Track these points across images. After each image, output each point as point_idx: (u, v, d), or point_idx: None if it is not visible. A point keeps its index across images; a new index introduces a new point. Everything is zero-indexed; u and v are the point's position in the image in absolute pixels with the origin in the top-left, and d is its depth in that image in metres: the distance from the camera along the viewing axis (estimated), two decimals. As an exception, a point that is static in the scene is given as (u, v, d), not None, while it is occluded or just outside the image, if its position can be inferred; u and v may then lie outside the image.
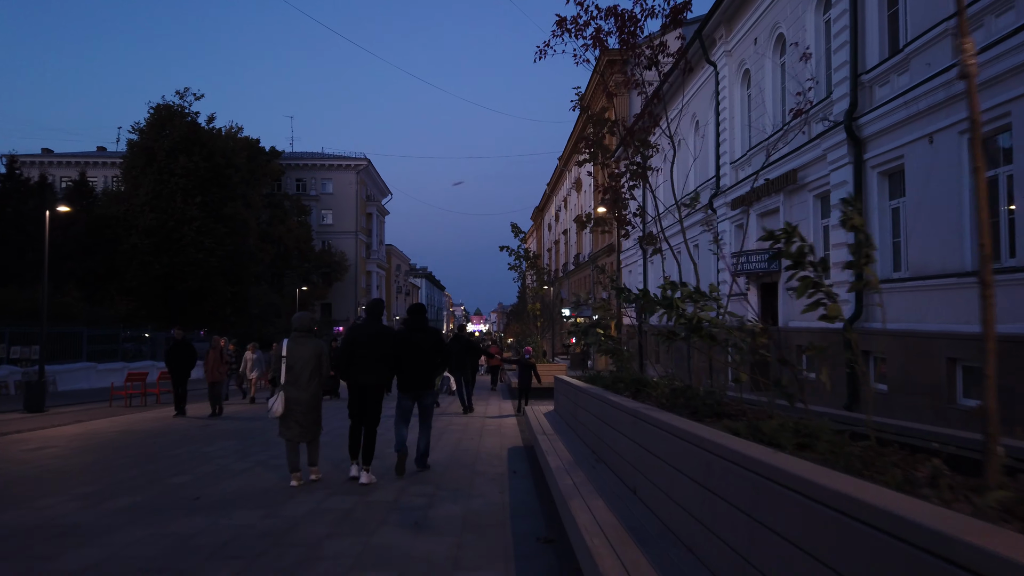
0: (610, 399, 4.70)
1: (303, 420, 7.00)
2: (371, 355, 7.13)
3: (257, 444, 10.21)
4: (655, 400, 4.93)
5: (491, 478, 7.12)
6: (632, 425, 4.04)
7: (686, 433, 3.23)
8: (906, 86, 11.44)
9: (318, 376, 7.14)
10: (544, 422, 8.04)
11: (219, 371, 15.05)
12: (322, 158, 68.51)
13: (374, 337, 7.21)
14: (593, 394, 5.40)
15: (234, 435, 11.16)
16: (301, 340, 7.16)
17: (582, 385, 6.45)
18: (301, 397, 7.01)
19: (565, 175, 61.66)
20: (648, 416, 3.74)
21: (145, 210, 34.35)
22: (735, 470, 2.64)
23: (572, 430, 6.75)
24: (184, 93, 37.05)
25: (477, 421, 13.15)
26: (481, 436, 10.78)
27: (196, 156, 35.79)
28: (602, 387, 6.34)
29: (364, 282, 70.34)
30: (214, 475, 7.64)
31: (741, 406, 4.49)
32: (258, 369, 18.96)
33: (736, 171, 19.86)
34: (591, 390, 5.64)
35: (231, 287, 37.01)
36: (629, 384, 5.73)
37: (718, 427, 3.48)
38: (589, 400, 5.56)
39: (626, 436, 4.22)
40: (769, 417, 3.59)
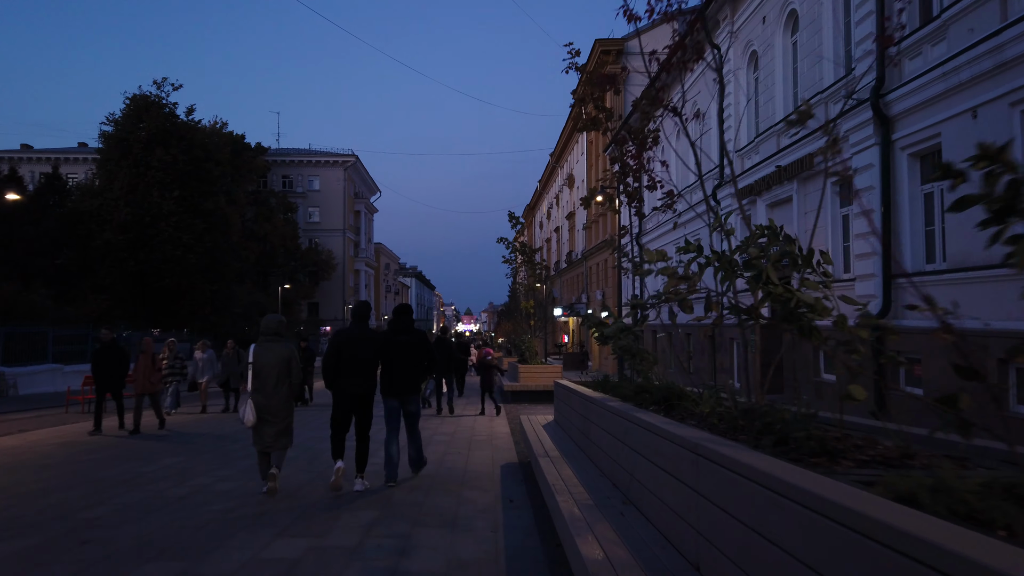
0: (647, 422, 3.41)
1: (271, 428, 6.68)
2: (359, 363, 6.85)
3: (205, 461, 8.80)
4: (702, 421, 3.69)
5: (481, 509, 5.88)
6: (692, 466, 2.75)
7: (815, 499, 1.83)
8: (943, 56, 10.28)
9: (287, 382, 6.80)
10: (544, 437, 6.80)
11: (151, 381, 12.17)
12: (309, 154, 67.13)
13: (361, 343, 6.91)
14: (615, 411, 4.15)
15: (183, 450, 9.76)
16: (268, 345, 6.79)
17: (594, 396, 5.18)
18: (269, 404, 6.68)
19: (557, 172, 60.52)
20: (719, 455, 2.42)
21: (120, 204, 32.85)
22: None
23: (582, 451, 5.50)
24: (162, 83, 35.60)
25: (465, 430, 11.87)
26: (470, 449, 9.51)
27: (174, 149, 34.31)
28: (621, 398, 5.10)
29: (352, 281, 68.96)
30: (139, 506, 6.25)
31: (854, 438, 3.20)
32: (209, 372, 16.37)
33: (742, 159, 18.68)
34: (611, 405, 4.39)
35: (211, 285, 35.53)
36: (657, 396, 4.49)
37: (866, 488, 2.00)
38: (609, 418, 4.32)
39: (678, 479, 2.95)
40: (961, 467, 2.26)
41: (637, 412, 3.77)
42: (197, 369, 16.43)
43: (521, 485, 6.71)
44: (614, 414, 4.17)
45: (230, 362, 15.92)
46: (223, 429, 12.32)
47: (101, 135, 34.69)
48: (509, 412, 15.34)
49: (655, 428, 3.23)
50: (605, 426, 4.47)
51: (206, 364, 16.46)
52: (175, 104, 35.74)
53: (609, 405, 4.42)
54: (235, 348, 16.14)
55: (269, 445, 6.68)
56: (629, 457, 3.69)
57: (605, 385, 6.48)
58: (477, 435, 11.15)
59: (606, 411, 4.47)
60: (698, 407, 3.94)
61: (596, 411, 4.86)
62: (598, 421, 4.77)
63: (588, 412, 5.27)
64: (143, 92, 35.29)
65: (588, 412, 5.27)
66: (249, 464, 8.37)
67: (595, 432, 4.89)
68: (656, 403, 4.46)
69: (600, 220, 39.67)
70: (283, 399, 6.75)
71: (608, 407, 4.42)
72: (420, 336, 7.43)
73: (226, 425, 12.87)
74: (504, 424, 12.83)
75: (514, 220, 19.69)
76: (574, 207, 52.66)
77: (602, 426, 4.56)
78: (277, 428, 6.69)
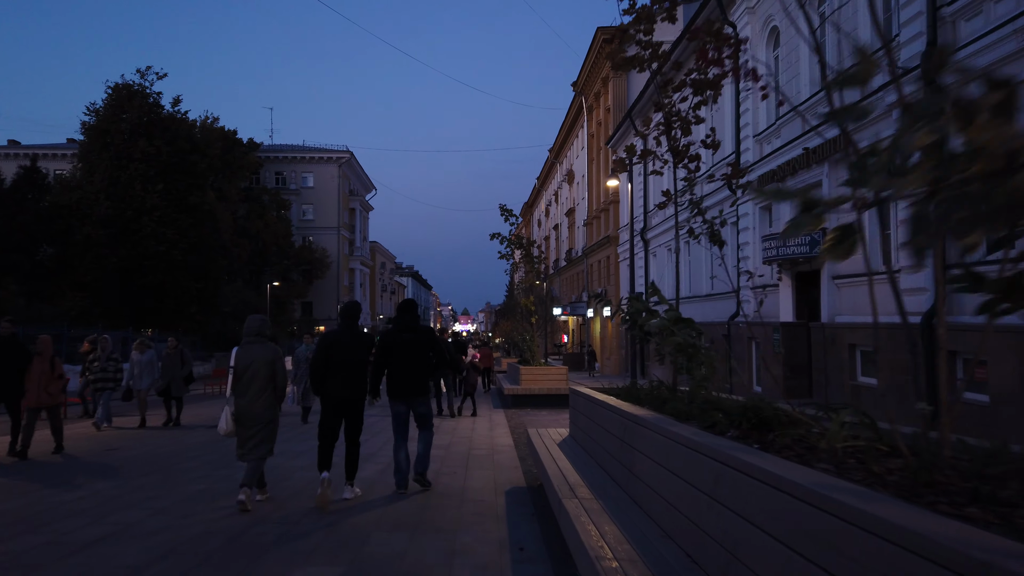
0: (766, 471, 2.00)
1: (251, 435, 6.29)
2: (348, 366, 6.48)
3: (142, 489, 7.07)
4: (839, 465, 2.29)
5: (480, 565, 4.39)
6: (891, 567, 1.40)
7: None
8: (1011, 12, 8.92)
9: (271, 387, 6.42)
10: (561, 461, 5.36)
11: (48, 392, 9.52)
12: (302, 151, 65.71)
13: (350, 345, 6.55)
14: (691, 444, 2.73)
15: (117, 470, 8.21)
16: (251, 346, 6.44)
17: (643, 415, 3.73)
18: (251, 410, 6.30)
19: (556, 168, 59.15)
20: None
21: (100, 198, 31.34)
22: None
23: (621, 487, 4.03)
24: (146, 72, 34.05)
25: (462, 442, 10.45)
26: (467, 467, 8.11)
27: (158, 140, 32.81)
28: (675, 416, 3.70)
29: (347, 280, 67.52)
30: (31, 554, 4.82)
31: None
32: (149, 377, 13.26)
33: (760, 145, 17.30)
34: (678, 433, 2.95)
35: (197, 283, 34.03)
36: (741, 417, 3.08)
37: None
38: (677, 452, 2.90)
39: None
40: None
41: (734, 451, 2.37)
42: (134, 374, 13.27)
43: (533, 524, 5.27)
44: (688, 447, 2.77)
45: (171, 365, 13.09)
46: (162, 448, 10.27)
47: (82, 126, 33.18)
48: (511, 419, 13.95)
49: (791, 485, 1.84)
50: (668, 462, 3.06)
51: (145, 368, 13.29)
52: (159, 94, 34.25)
53: (673, 432, 3.01)
54: (178, 348, 13.35)
55: (246, 454, 6.30)
56: (723, 519, 2.30)
57: (640, 395, 5.09)
58: (476, 448, 9.75)
59: (668, 439, 3.07)
60: (818, 439, 2.54)
61: (649, 438, 3.45)
62: (653, 452, 3.36)
63: (632, 437, 3.86)
64: (126, 81, 33.77)
65: (632, 437, 3.86)
66: (196, 490, 6.98)
67: (648, 468, 3.48)
68: (737, 427, 3.07)
69: (602, 216, 38.28)
70: (266, 405, 6.37)
71: (672, 434, 3.02)
72: (427, 333, 6.99)
73: (167, 443, 10.78)
74: (506, 433, 11.42)
75: (506, 213, 18.30)
76: (574, 203, 51.28)
77: (663, 462, 3.16)
78: (258, 436, 6.30)
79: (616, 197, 35.32)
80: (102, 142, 33.05)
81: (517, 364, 19.50)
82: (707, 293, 21.74)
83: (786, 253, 14.08)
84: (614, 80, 35.51)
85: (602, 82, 38.15)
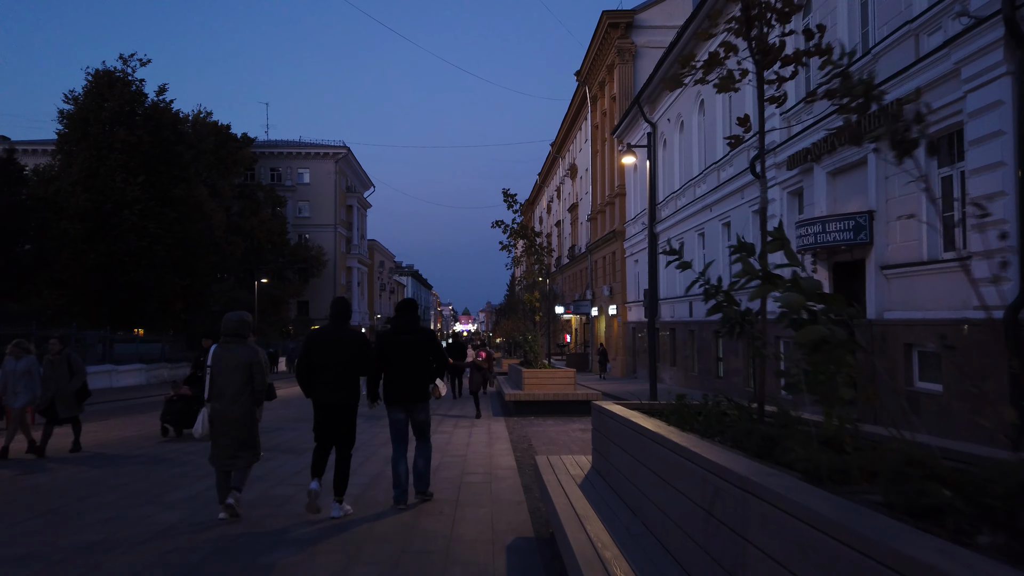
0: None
1: (230, 442, 6.03)
2: (335, 367, 6.13)
3: (28, 529, 5.61)
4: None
5: None
6: None
7: None
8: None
9: (248, 390, 6.12)
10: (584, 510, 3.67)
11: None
12: (298, 146, 64.11)
13: (336, 344, 6.22)
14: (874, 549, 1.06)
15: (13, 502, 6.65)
16: (229, 346, 6.20)
17: (762, 480, 2.02)
18: (227, 414, 6.06)
19: (558, 163, 57.43)
20: None
21: (78, 190, 29.61)
22: None
23: (685, 571, 2.38)
24: (128, 58, 32.28)
25: (454, 463, 8.74)
26: (458, 501, 6.40)
27: (139, 129, 31.08)
28: (818, 481, 2.00)
29: (344, 279, 65.88)
30: None
31: None
32: (27, 392, 9.90)
33: (788, 123, 15.58)
34: (911, 555, 1.27)
35: (182, 280, 32.31)
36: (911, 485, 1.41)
37: None
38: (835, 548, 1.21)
39: None
40: None
41: None
42: (6, 387, 9.89)
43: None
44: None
45: (55, 374, 10.09)
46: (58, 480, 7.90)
47: (60, 115, 31.46)
48: (513, 429, 12.25)
49: None
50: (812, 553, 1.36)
51: (21, 379, 9.88)
52: (142, 81, 32.51)
53: (892, 547, 1.31)
54: (64, 352, 10.29)
55: (227, 462, 6.00)
56: None
57: (709, 422, 3.42)
58: (471, 471, 8.05)
59: (865, 554, 1.37)
60: None
61: (787, 528, 1.73)
62: (797, 557, 1.65)
63: (734, 510, 2.15)
64: (107, 68, 32.05)
65: (734, 510, 2.15)
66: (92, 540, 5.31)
67: (765, 566, 1.78)
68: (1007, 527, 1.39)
69: (607, 210, 36.57)
70: (244, 409, 6.09)
71: (888, 550, 1.32)
72: (427, 335, 6.68)
73: (68, 473, 8.34)
74: (507, 451, 9.69)
75: (510, 200, 16.64)
76: (577, 198, 49.57)
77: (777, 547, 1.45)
78: (237, 442, 6.02)
79: (623, 190, 33.60)
80: (81, 131, 31.37)
81: (519, 366, 17.80)
82: (725, 289, 20.04)
83: (826, 240, 12.36)
84: (620, 67, 33.79)
85: (607, 70, 36.41)
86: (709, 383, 20.51)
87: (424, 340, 6.57)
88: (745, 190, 18.26)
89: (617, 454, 4.04)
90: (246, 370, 6.05)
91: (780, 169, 15.76)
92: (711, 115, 21.11)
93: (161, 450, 10.21)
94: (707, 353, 20.93)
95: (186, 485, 7.42)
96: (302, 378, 6.18)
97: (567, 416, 14.27)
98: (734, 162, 19.14)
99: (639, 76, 32.60)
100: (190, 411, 11.08)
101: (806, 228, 12.91)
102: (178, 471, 8.33)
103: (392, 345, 6.48)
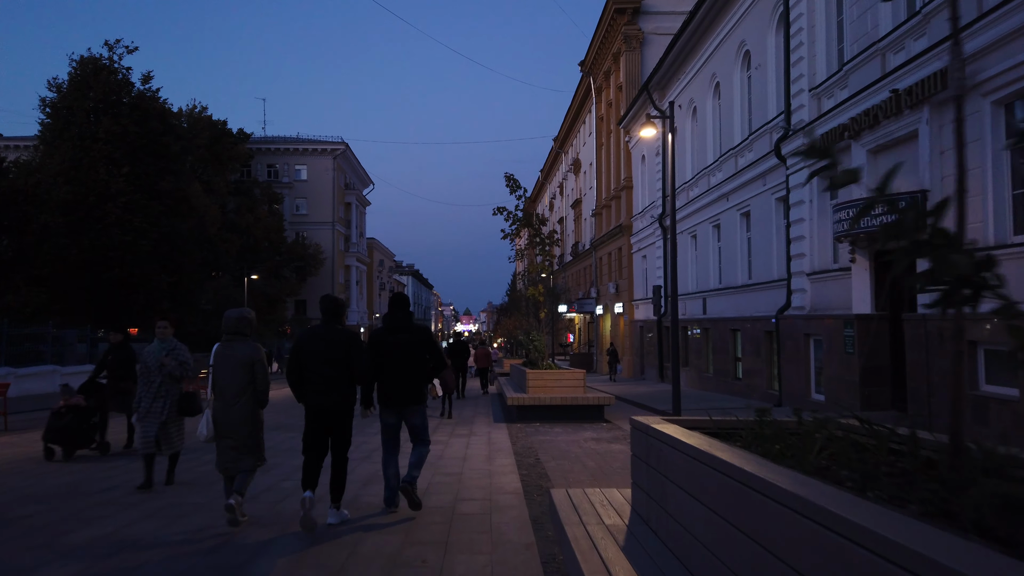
0: None
1: (233, 445, 5.71)
2: (326, 368, 5.68)
3: None
4: None
5: None
6: None
7: None
8: None
9: (250, 391, 5.80)
10: (619, 564, 2.40)
11: None
12: (295, 142, 62.82)
13: (329, 344, 5.76)
14: None
15: None
16: (230, 345, 5.83)
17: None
18: (229, 416, 5.73)
19: (561, 158, 55.97)
20: None
21: (59, 182, 28.22)
22: None
23: None
24: (114, 45, 30.91)
25: (448, 483, 7.31)
26: (447, 544, 4.95)
27: (125, 119, 29.71)
28: None
29: (343, 277, 64.61)
30: None
31: None
32: None
33: (819, 100, 14.18)
34: None
35: (169, 277, 30.92)
36: None
37: None
38: None
39: None
40: None
41: None
42: None
43: None
44: None
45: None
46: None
47: (41, 103, 30.07)
48: (516, 438, 10.83)
49: None
50: None
51: None
52: (129, 69, 31.14)
53: None
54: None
55: (230, 466, 5.76)
56: None
57: (863, 468, 2.05)
58: (466, 496, 6.62)
59: None
60: None
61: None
62: None
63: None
64: (92, 55, 30.67)
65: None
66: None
67: None
68: None
69: (613, 204, 35.15)
70: (247, 410, 5.81)
71: None
72: (422, 334, 6.39)
73: None
74: (510, 467, 8.23)
75: (513, 184, 15.25)
76: (580, 194, 48.14)
77: None
78: (239, 445, 5.74)
79: (630, 183, 32.16)
80: (65, 121, 30.02)
81: (522, 367, 16.38)
82: (743, 283, 18.62)
83: (871, 226, 10.92)
84: (627, 55, 32.33)
85: (613, 58, 34.97)
86: (726, 385, 19.08)
87: (419, 339, 6.22)
88: (767, 176, 16.84)
89: (681, 501, 2.63)
90: (248, 369, 5.78)
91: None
92: (728, 98, 19.68)
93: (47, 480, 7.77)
94: (724, 353, 19.50)
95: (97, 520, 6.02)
96: (293, 379, 5.77)
97: (576, 422, 12.87)
98: (754, 146, 17.72)
99: (647, 64, 31.15)
100: (83, 427, 9.11)
101: (846, 211, 11.48)
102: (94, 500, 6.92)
103: (385, 344, 6.12)
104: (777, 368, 15.56)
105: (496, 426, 12.58)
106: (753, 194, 17.78)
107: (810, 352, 14.16)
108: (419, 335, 6.26)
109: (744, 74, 18.87)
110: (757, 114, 17.81)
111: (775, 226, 16.61)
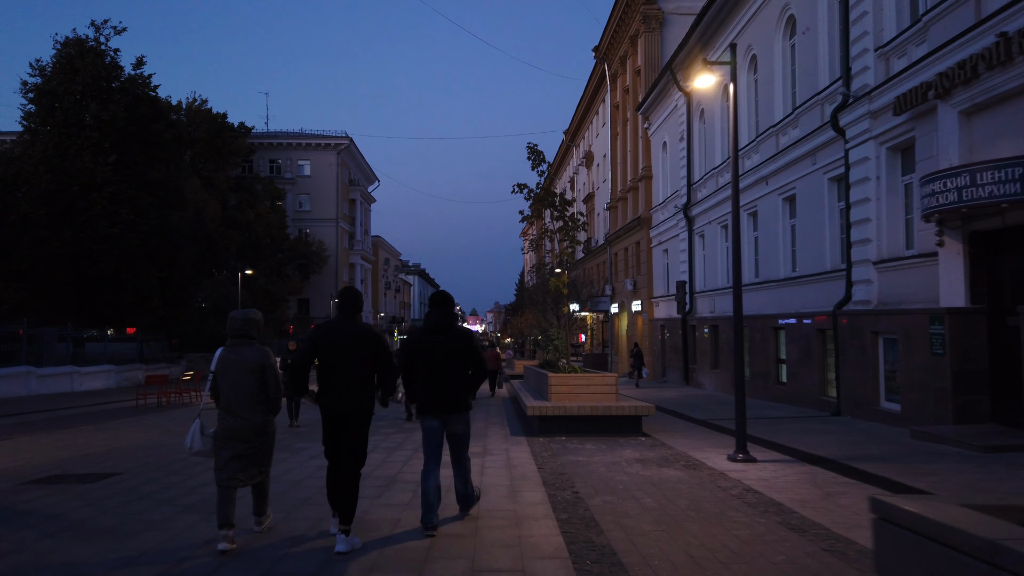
0: None
1: (240, 456, 5.28)
2: (346, 367, 5.23)
3: None
4: None
5: None
6: None
7: None
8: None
9: (262, 397, 5.38)
10: None
11: None
12: (298, 137, 61.10)
13: (349, 340, 5.29)
14: None
15: None
16: (236, 349, 5.42)
17: None
18: (237, 426, 5.31)
19: (572, 152, 53.97)
20: None
21: (41, 171, 26.42)
22: None
23: None
24: (101, 26, 29.10)
25: (460, 552, 5.34)
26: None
27: (113, 105, 27.91)
28: None
29: (347, 275, 62.84)
30: None
31: None
32: None
33: (887, 61, 12.18)
34: None
35: (159, 272, 29.09)
36: None
37: None
38: None
39: None
40: None
41: None
42: None
43: None
44: None
45: None
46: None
47: (23, 86, 28.27)
48: (543, 460, 8.86)
49: None
50: None
51: None
52: (117, 51, 29.34)
53: None
54: None
55: (237, 479, 5.25)
56: None
57: None
58: (485, 562, 4.68)
59: None
60: None
61: None
62: None
63: None
64: (77, 36, 28.89)
65: None
66: None
67: None
68: None
69: (629, 196, 33.15)
70: (258, 420, 5.35)
71: None
72: (464, 337, 5.83)
73: None
74: (542, 502, 6.24)
75: (535, 156, 13.27)
76: (593, 188, 46.20)
77: None
78: (247, 456, 5.29)
79: (649, 172, 30.16)
80: (49, 106, 28.24)
81: (541, 370, 14.43)
82: (785, 276, 16.61)
83: (977, 197, 8.89)
84: (645, 36, 30.32)
85: (630, 41, 32.97)
86: (766, 390, 17.05)
87: (461, 344, 5.77)
88: (817, 154, 14.84)
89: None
90: (258, 375, 5.35)
91: (877, 119, 12.32)
92: (767, 72, 17.69)
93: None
94: (763, 354, 17.47)
95: None
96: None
97: (610, 436, 10.91)
98: (800, 122, 15.71)
99: (667, 46, 29.16)
100: None
101: (941, 183, 9.47)
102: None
103: (422, 345, 5.75)
104: (835, 371, 13.56)
105: (515, 441, 10.61)
106: (799, 175, 15.78)
107: (879, 353, 12.16)
108: (461, 342, 5.76)
109: (787, 43, 16.88)
110: (803, 86, 15.79)
111: (828, 210, 14.61)
